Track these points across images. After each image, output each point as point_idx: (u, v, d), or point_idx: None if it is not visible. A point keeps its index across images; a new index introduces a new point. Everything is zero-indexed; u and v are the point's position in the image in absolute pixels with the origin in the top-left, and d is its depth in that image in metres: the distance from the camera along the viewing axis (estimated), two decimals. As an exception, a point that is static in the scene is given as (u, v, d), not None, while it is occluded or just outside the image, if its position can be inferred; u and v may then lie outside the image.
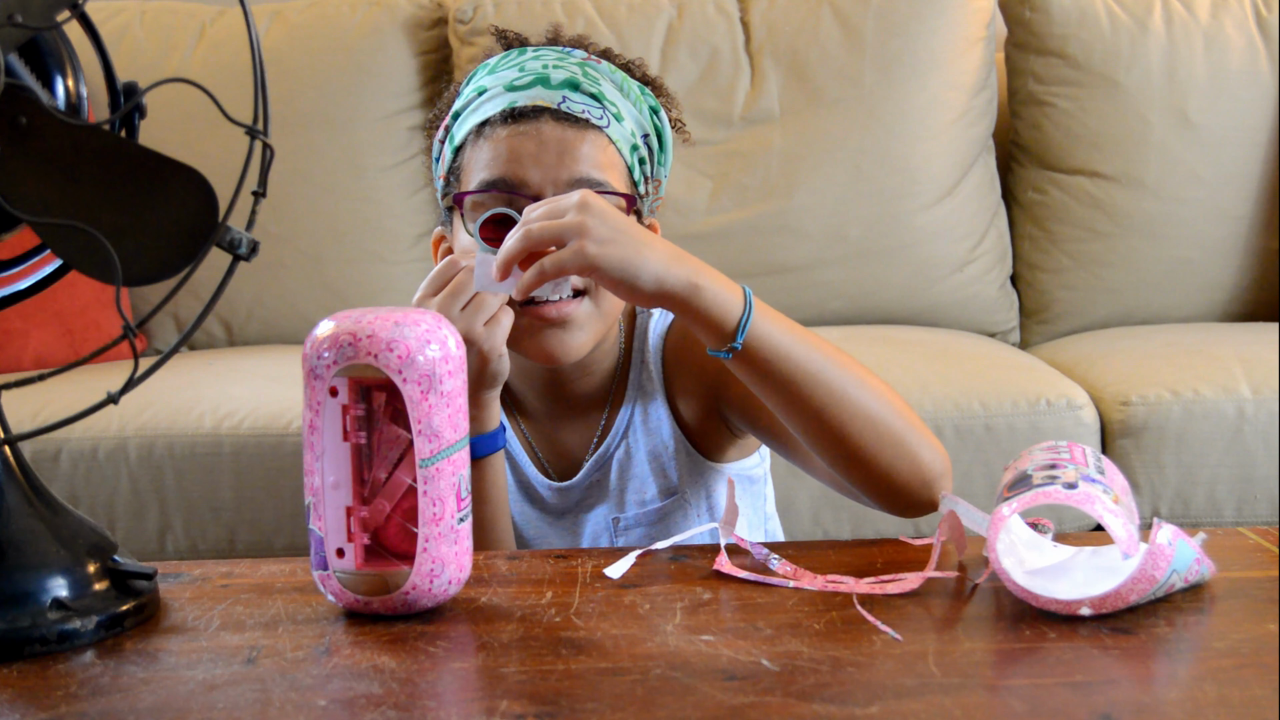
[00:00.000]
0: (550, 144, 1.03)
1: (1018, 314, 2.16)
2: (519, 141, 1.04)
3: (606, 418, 1.16)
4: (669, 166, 1.14)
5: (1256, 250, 2.11)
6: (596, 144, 1.05)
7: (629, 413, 1.15)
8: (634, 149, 1.08)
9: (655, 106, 1.12)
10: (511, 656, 0.74)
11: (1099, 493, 0.81)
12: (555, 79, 1.06)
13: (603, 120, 1.05)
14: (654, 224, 1.13)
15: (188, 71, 2.05)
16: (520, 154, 1.04)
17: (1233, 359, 1.69)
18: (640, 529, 1.14)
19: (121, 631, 0.79)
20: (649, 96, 1.12)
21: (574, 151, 1.04)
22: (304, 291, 2.08)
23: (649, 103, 1.11)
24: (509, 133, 1.05)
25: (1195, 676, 0.72)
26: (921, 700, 0.67)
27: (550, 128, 1.04)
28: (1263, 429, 1.61)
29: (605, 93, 1.07)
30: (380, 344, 0.77)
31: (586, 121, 1.05)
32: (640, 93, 1.11)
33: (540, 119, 1.04)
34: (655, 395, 1.15)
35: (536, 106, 1.05)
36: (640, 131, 1.09)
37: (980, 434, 1.58)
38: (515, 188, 1.04)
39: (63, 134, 0.72)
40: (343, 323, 0.78)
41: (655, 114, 1.11)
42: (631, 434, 1.15)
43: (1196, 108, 2.08)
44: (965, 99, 2.10)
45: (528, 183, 1.04)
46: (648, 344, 1.16)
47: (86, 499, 1.60)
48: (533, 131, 1.04)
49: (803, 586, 0.84)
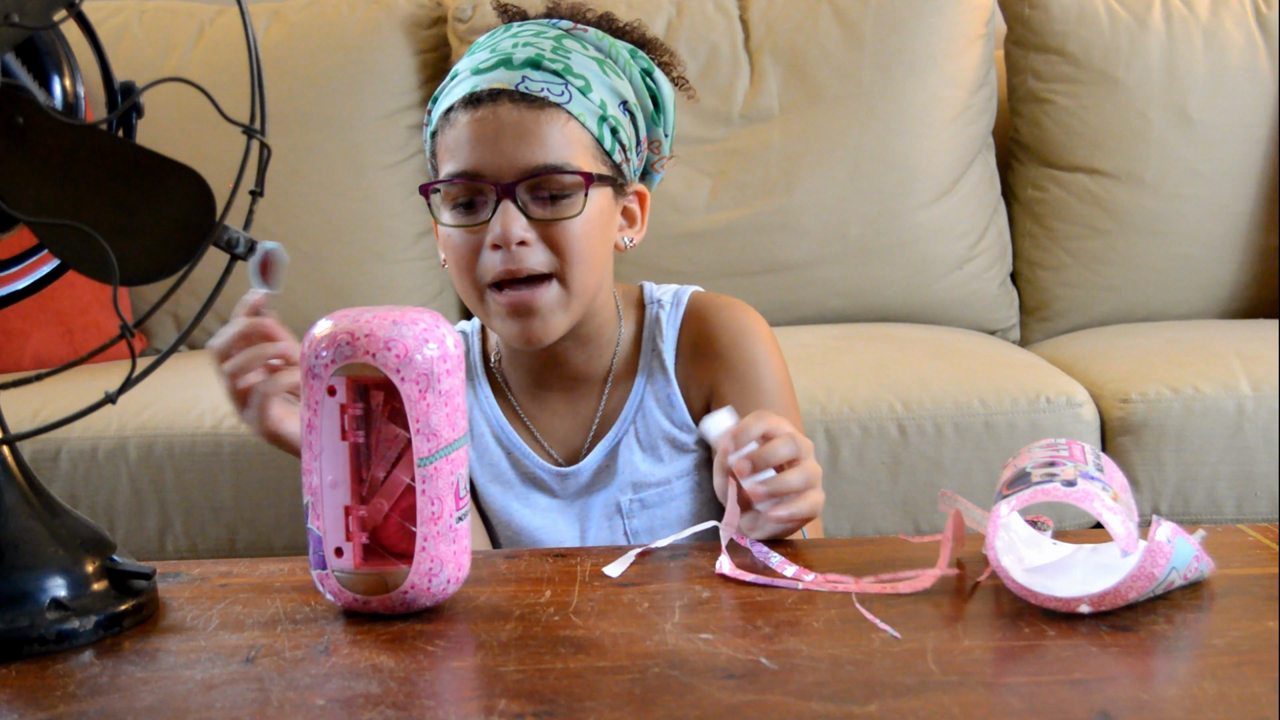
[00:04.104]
0: (508, 128, 1.05)
1: (1018, 311, 2.16)
2: (478, 127, 1.05)
3: (609, 399, 1.16)
4: (670, 124, 1.15)
5: (1256, 247, 2.11)
6: (555, 123, 1.05)
7: (639, 396, 1.16)
8: (602, 120, 1.08)
9: (648, 68, 1.12)
10: (510, 655, 0.74)
11: (1098, 490, 0.81)
12: (518, 58, 1.07)
13: (563, 96, 1.06)
14: (641, 191, 1.14)
15: (186, 71, 2.05)
16: (479, 140, 1.05)
17: (1233, 356, 1.69)
18: (651, 509, 1.15)
19: (120, 631, 0.79)
20: (641, 59, 1.12)
21: (531, 134, 1.05)
22: (304, 291, 2.08)
23: (640, 65, 1.12)
24: (468, 119, 1.06)
25: (1194, 674, 0.71)
26: (920, 698, 0.67)
27: (507, 110, 1.05)
28: (1263, 426, 1.61)
29: (572, 65, 1.07)
30: (378, 343, 0.77)
31: (545, 100, 1.05)
32: (631, 56, 1.11)
33: (499, 102, 1.05)
34: (669, 380, 1.16)
35: (494, 90, 1.06)
36: (617, 99, 1.09)
37: (980, 431, 1.58)
38: (476, 176, 1.05)
39: (60, 134, 0.72)
40: (340, 322, 0.78)
41: (648, 75, 1.12)
42: (641, 417, 1.15)
43: (1196, 104, 2.08)
44: (965, 96, 2.10)
45: (486, 170, 1.05)
46: (661, 331, 1.16)
47: (86, 499, 1.60)
48: (490, 117, 1.05)
49: (811, 588, 0.84)
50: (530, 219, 1.05)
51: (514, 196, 1.05)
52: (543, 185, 1.05)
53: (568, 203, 1.06)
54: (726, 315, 1.17)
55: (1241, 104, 2.09)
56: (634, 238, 1.14)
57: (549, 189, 1.05)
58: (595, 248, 1.08)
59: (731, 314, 1.17)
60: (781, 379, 1.17)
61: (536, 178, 1.05)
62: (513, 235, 1.04)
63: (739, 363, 1.15)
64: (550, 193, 1.06)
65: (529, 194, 1.06)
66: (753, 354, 1.16)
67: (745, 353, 1.15)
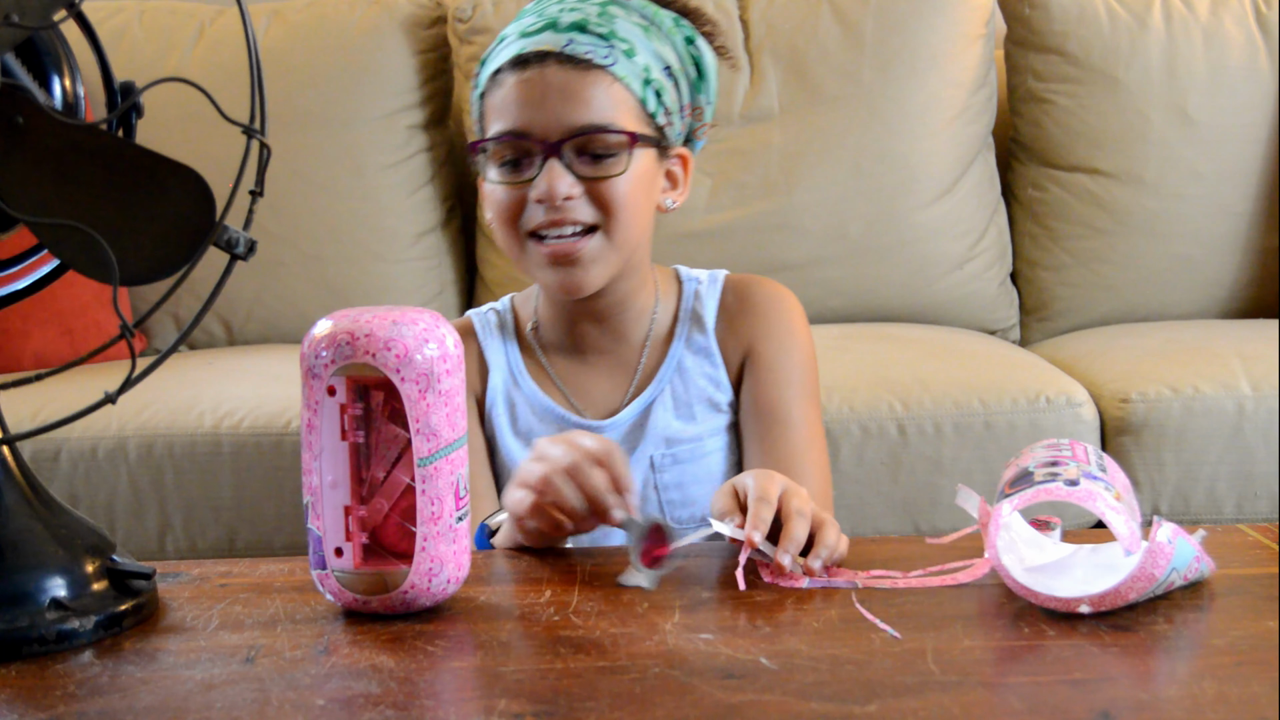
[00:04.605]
0: (554, 89, 1.08)
1: (1018, 311, 2.16)
2: (525, 88, 1.08)
3: (647, 363, 1.19)
4: (712, 92, 1.18)
5: (1256, 247, 2.11)
6: (601, 84, 1.08)
7: (676, 357, 1.18)
8: (646, 83, 1.11)
9: (691, 36, 1.15)
10: (510, 655, 0.74)
11: (1101, 490, 0.81)
12: (564, 22, 1.10)
13: (609, 59, 1.09)
14: (684, 155, 1.18)
15: (186, 71, 2.05)
16: (527, 100, 1.08)
17: (1233, 355, 1.69)
18: (683, 465, 1.16)
19: (120, 631, 0.79)
20: (684, 27, 1.15)
21: (578, 96, 1.08)
22: (304, 290, 2.08)
23: (684, 33, 1.15)
24: (516, 80, 1.09)
25: (1194, 674, 0.71)
26: (920, 698, 0.67)
27: (554, 72, 1.08)
28: (1262, 426, 1.61)
29: (617, 30, 1.10)
30: (378, 343, 0.77)
31: (590, 63, 1.08)
32: (675, 24, 1.15)
33: (545, 64, 1.08)
34: (708, 338, 1.19)
35: (541, 52, 1.09)
36: (660, 64, 1.12)
37: (980, 431, 1.58)
38: (523, 134, 1.08)
39: (60, 134, 0.72)
40: (340, 322, 0.78)
41: (691, 43, 1.15)
42: (678, 377, 1.18)
43: (1196, 104, 2.08)
44: (965, 96, 2.10)
45: (534, 129, 1.08)
46: (701, 300, 1.20)
47: (86, 499, 1.60)
48: (537, 78, 1.08)
49: (870, 584, 0.84)
50: (576, 176, 1.08)
51: (560, 155, 1.08)
52: (588, 144, 1.08)
53: (612, 161, 1.09)
54: (767, 285, 1.22)
55: (1241, 104, 2.09)
56: (676, 200, 1.18)
57: (594, 148, 1.08)
58: (639, 204, 1.12)
59: (772, 285, 1.23)
60: (812, 353, 1.21)
61: (582, 137, 1.08)
62: (558, 192, 1.07)
63: (778, 326, 1.19)
64: (595, 152, 1.09)
65: (574, 153, 1.08)
66: (790, 321, 1.20)
67: (784, 317, 1.20)
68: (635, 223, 1.11)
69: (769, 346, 1.18)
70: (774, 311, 1.20)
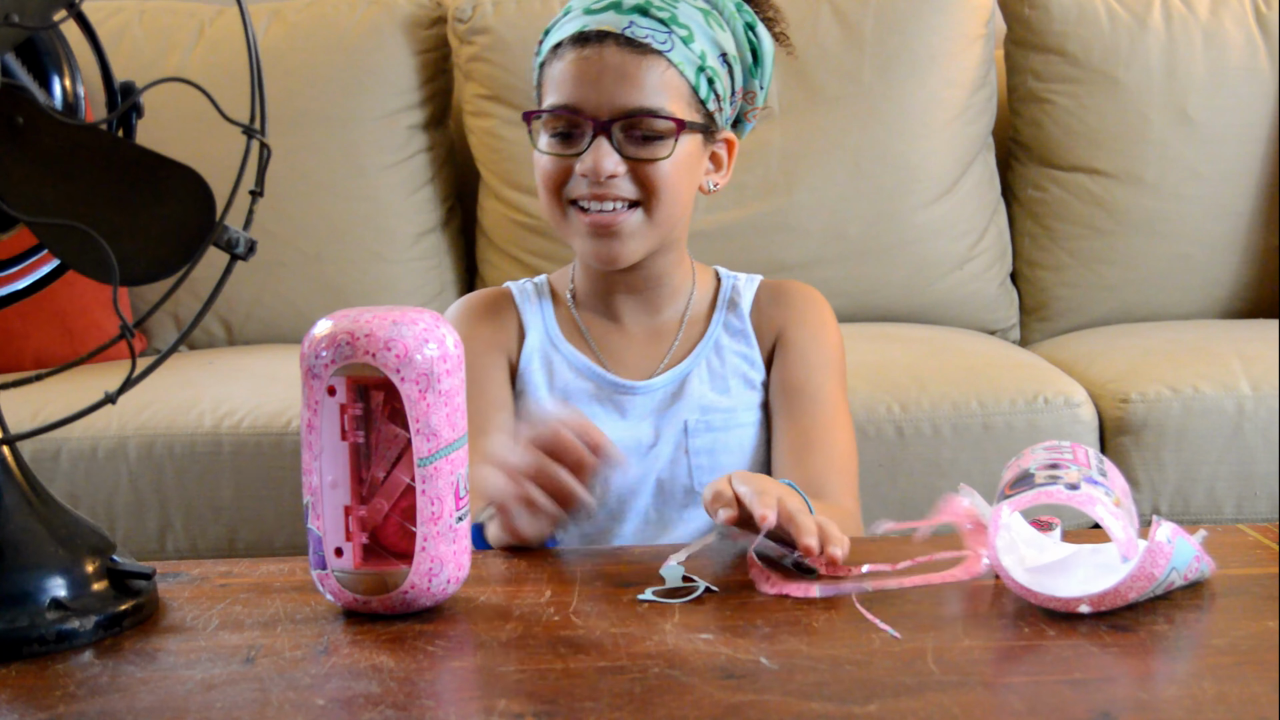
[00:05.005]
0: (610, 69, 1.11)
1: (1018, 311, 2.16)
2: (583, 65, 1.12)
3: (684, 337, 1.22)
4: (767, 78, 1.21)
5: (1256, 247, 2.11)
6: (656, 69, 1.12)
7: (714, 334, 1.22)
8: (700, 70, 1.13)
9: (752, 22, 1.18)
10: (510, 655, 0.74)
11: (1101, 494, 0.81)
12: (628, 4, 1.13)
13: (666, 45, 1.12)
14: (731, 139, 1.20)
15: (186, 71, 2.05)
16: (583, 78, 1.12)
17: (1232, 356, 1.69)
18: (716, 432, 1.19)
19: (120, 631, 0.79)
20: (746, 13, 1.18)
21: (632, 79, 1.11)
22: (304, 291, 2.08)
23: (745, 19, 1.18)
24: (574, 56, 1.13)
25: (1194, 674, 0.71)
26: (920, 698, 0.67)
27: (612, 53, 1.11)
28: (1262, 426, 1.61)
29: (678, 15, 1.13)
30: (378, 343, 0.77)
31: (648, 47, 1.11)
32: (736, 10, 1.17)
33: (604, 44, 1.12)
34: (743, 320, 1.23)
35: (602, 31, 1.12)
36: (716, 51, 1.15)
37: (978, 433, 1.58)
38: (576, 110, 1.12)
39: (60, 134, 0.72)
40: (340, 322, 0.78)
41: (751, 29, 1.18)
42: (714, 352, 1.22)
43: (1196, 104, 2.08)
44: (965, 96, 2.10)
45: (586, 106, 1.11)
46: (739, 292, 1.25)
47: (86, 499, 1.60)
48: (595, 56, 1.12)
49: (856, 587, 0.84)
50: (622, 155, 1.12)
51: (609, 133, 1.11)
52: (636, 126, 1.12)
53: (659, 145, 1.12)
54: (802, 284, 1.28)
55: (1241, 104, 2.09)
56: (719, 182, 1.22)
57: (642, 130, 1.12)
58: (680, 186, 1.15)
59: (806, 285, 1.28)
60: (841, 346, 1.24)
61: (631, 118, 1.11)
62: (603, 169, 1.11)
63: (809, 316, 1.24)
64: (643, 133, 1.12)
65: (623, 133, 1.12)
66: (822, 314, 1.24)
67: (815, 310, 1.24)
68: (676, 203, 1.15)
69: (800, 333, 1.22)
70: (807, 305, 1.25)
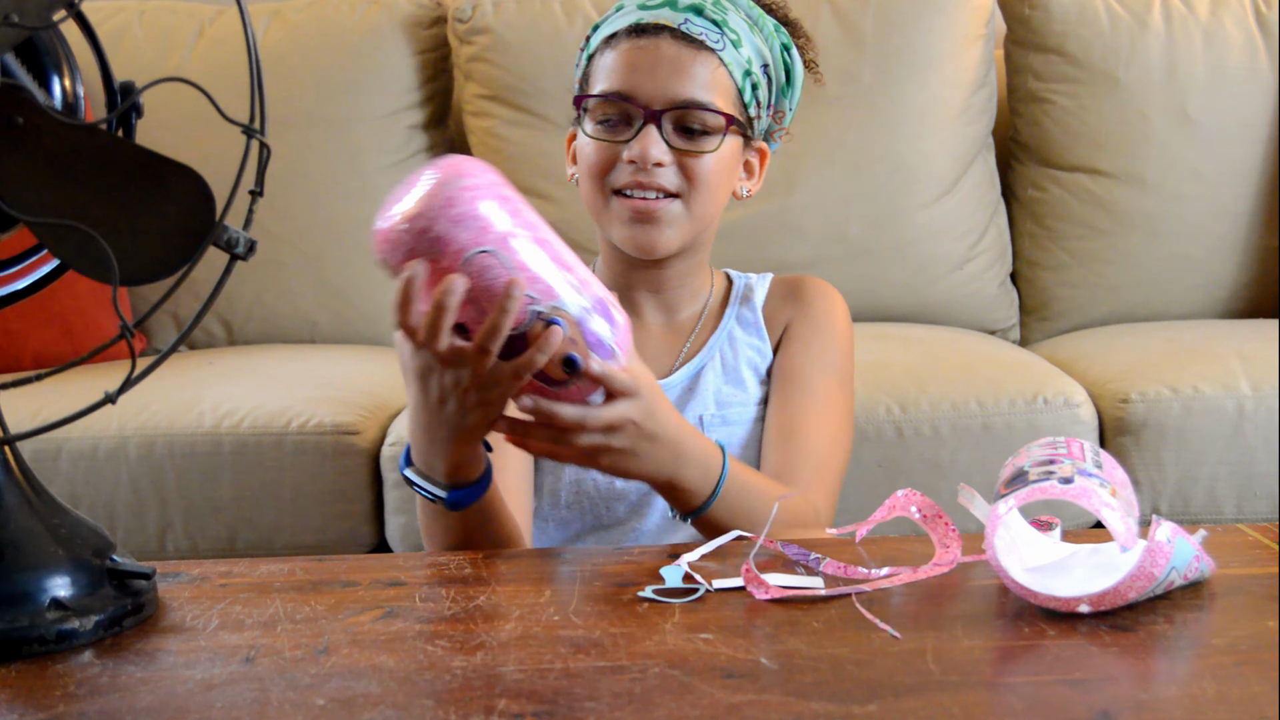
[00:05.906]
0: (665, 61, 1.14)
1: (1018, 311, 2.16)
2: (638, 55, 1.14)
3: (698, 334, 1.25)
4: (795, 101, 1.24)
5: (1256, 247, 2.11)
6: (708, 65, 1.14)
7: (727, 328, 1.25)
8: (747, 74, 1.16)
9: (787, 44, 1.21)
10: (510, 655, 0.74)
11: (1095, 486, 0.81)
12: (682, 3, 1.16)
13: (719, 44, 1.15)
14: (763, 149, 1.23)
15: (186, 71, 2.05)
16: (637, 67, 1.14)
17: (1232, 356, 1.69)
18: (732, 426, 1.21)
19: (120, 631, 0.79)
20: (782, 34, 1.21)
21: (685, 71, 1.13)
22: (304, 290, 2.08)
23: (781, 40, 1.21)
24: (630, 46, 1.15)
25: (1194, 673, 0.71)
26: (920, 698, 0.67)
27: (668, 45, 1.14)
28: (1262, 426, 1.61)
29: (729, 20, 1.16)
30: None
31: (702, 43, 1.14)
32: (775, 30, 1.20)
33: (660, 36, 1.14)
34: (756, 314, 1.26)
35: (658, 24, 1.15)
36: (760, 61, 1.18)
37: (977, 433, 1.58)
38: (628, 98, 1.14)
39: (59, 134, 0.72)
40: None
41: (786, 51, 1.21)
42: (728, 344, 1.24)
43: (1196, 104, 2.08)
44: (965, 96, 2.10)
45: (639, 94, 1.13)
46: (752, 289, 1.28)
47: (86, 499, 1.60)
48: (651, 47, 1.14)
49: (881, 584, 0.84)
50: (669, 146, 1.14)
51: (659, 123, 1.13)
52: (686, 118, 1.14)
53: (706, 139, 1.14)
54: (817, 280, 1.30)
55: (1241, 104, 2.09)
56: (750, 189, 1.24)
57: (690, 122, 1.14)
58: (720, 183, 1.17)
59: (821, 281, 1.30)
60: (848, 344, 1.26)
61: (683, 110, 1.13)
62: (650, 156, 1.13)
63: (817, 309, 1.26)
64: (691, 126, 1.14)
65: (672, 124, 1.14)
66: (831, 309, 1.26)
67: (825, 304, 1.26)
68: (714, 199, 1.17)
69: (805, 326, 1.24)
70: (817, 299, 1.26)
